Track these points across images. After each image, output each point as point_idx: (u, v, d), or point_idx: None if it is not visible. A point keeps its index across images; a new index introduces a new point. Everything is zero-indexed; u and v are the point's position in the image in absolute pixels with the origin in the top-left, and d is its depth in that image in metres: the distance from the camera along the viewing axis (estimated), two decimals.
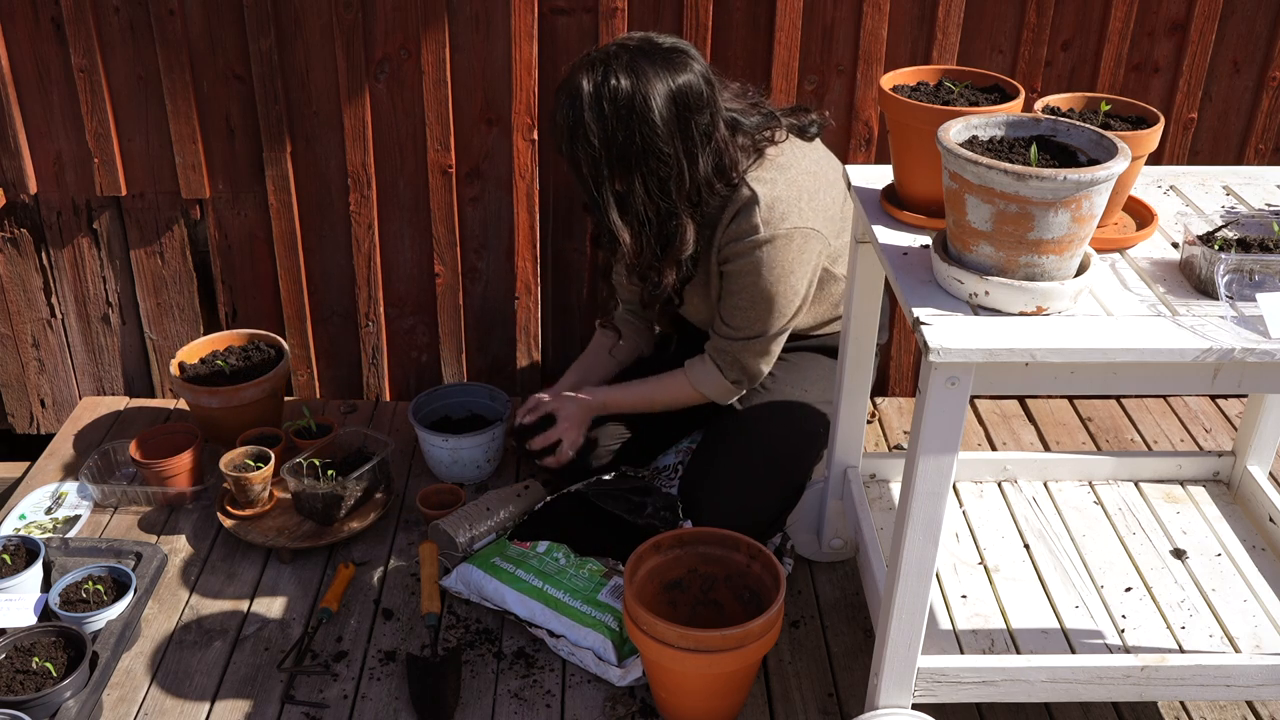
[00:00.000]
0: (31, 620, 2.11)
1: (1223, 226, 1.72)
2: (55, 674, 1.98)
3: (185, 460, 2.53)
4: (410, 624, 2.26)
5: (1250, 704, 2.10)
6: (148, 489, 2.53)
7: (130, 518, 2.55)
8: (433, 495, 2.53)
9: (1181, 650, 1.92)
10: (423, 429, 2.61)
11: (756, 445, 2.34)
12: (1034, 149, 1.57)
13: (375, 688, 2.11)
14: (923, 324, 1.54)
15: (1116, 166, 1.49)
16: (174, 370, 2.72)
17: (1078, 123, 1.64)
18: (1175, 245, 1.79)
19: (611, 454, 2.49)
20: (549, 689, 2.10)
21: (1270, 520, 2.16)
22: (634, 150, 2.04)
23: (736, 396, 2.36)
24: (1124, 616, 1.98)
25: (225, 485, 2.47)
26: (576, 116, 2.04)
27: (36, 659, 1.99)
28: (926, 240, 1.78)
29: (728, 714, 2.03)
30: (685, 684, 1.96)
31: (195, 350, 2.79)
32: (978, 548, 2.15)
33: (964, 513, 2.24)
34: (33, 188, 2.75)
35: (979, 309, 1.58)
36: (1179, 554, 2.13)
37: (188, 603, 2.31)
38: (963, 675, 1.81)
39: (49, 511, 2.54)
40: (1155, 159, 2.72)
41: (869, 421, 2.90)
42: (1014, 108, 1.80)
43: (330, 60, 2.62)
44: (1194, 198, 1.96)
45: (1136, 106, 1.82)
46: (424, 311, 2.91)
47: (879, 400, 3.01)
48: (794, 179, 2.16)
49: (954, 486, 2.19)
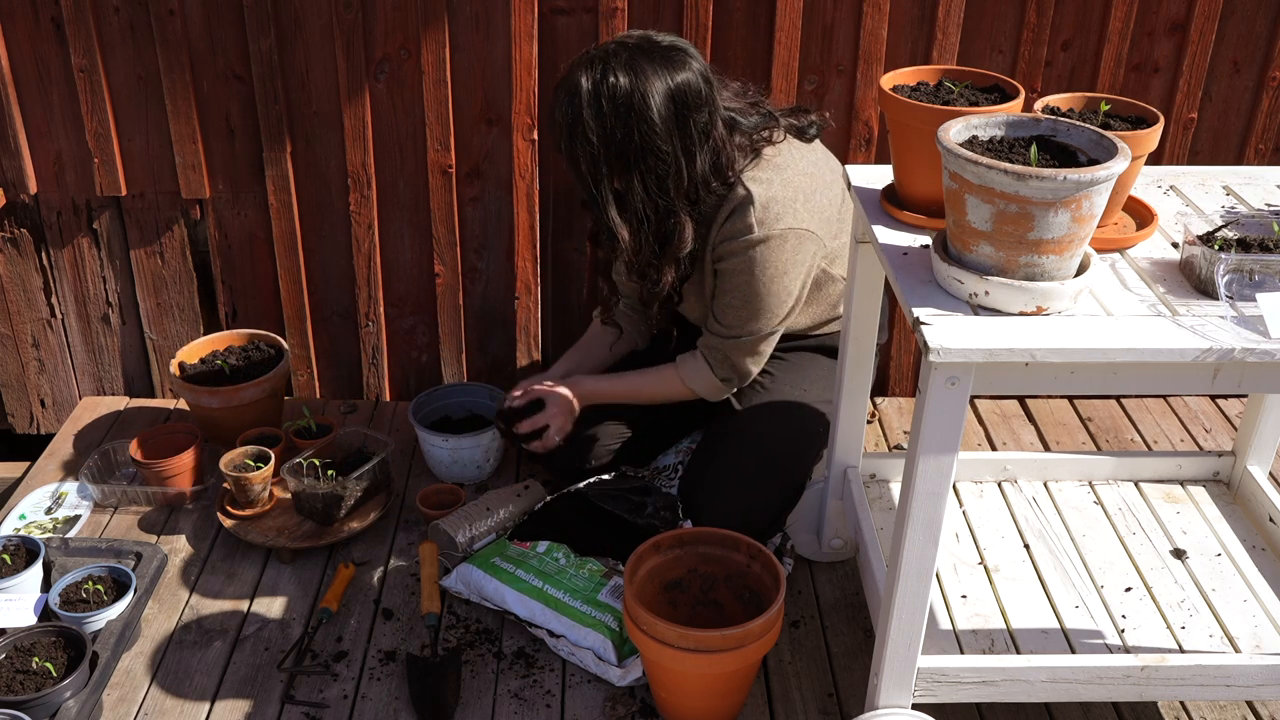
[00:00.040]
0: (31, 620, 2.10)
1: (1223, 226, 1.72)
2: (55, 674, 1.97)
3: (185, 460, 2.53)
4: (410, 624, 2.26)
5: (1250, 704, 2.10)
6: (148, 489, 2.53)
7: (130, 518, 2.55)
8: (433, 495, 2.53)
9: (1181, 650, 1.92)
10: (423, 429, 2.61)
11: (756, 445, 2.34)
12: (1034, 149, 1.57)
13: (375, 688, 2.11)
14: (923, 324, 1.54)
15: (1116, 166, 1.49)
16: (174, 370, 2.72)
17: (1078, 123, 1.64)
18: (1175, 245, 1.79)
19: (611, 454, 2.49)
20: (549, 689, 2.10)
21: (1270, 520, 2.16)
22: (632, 148, 2.04)
23: (725, 395, 2.36)
24: (1124, 616, 1.98)
25: (225, 485, 2.47)
26: (575, 114, 2.04)
27: (36, 659, 1.99)
28: (926, 240, 1.78)
29: (728, 714, 2.03)
30: (685, 684, 1.96)
31: (195, 350, 2.79)
32: (978, 548, 2.15)
33: (964, 513, 2.24)
34: (33, 188, 2.75)
35: (979, 309, 1.58)
36: (1179, 554, 2.13)
37: (188, 603, 2.31)
38: (963, 675, 1.81)
39: (49, 511, 2.54)
40: (1155, 159, 2.72)
41: (869, 421, 2.90)
42: (1014, 108, 1.80)
43: (330, 60, 2.62)
44: (1194, 198, 1.96)
45: (1136, 106, 1.82)
46: (424, 311, 2.91)
47: (879, 400, 3.01)
48: (790, 180, 2.15)
49: (954, 486, 2.19)
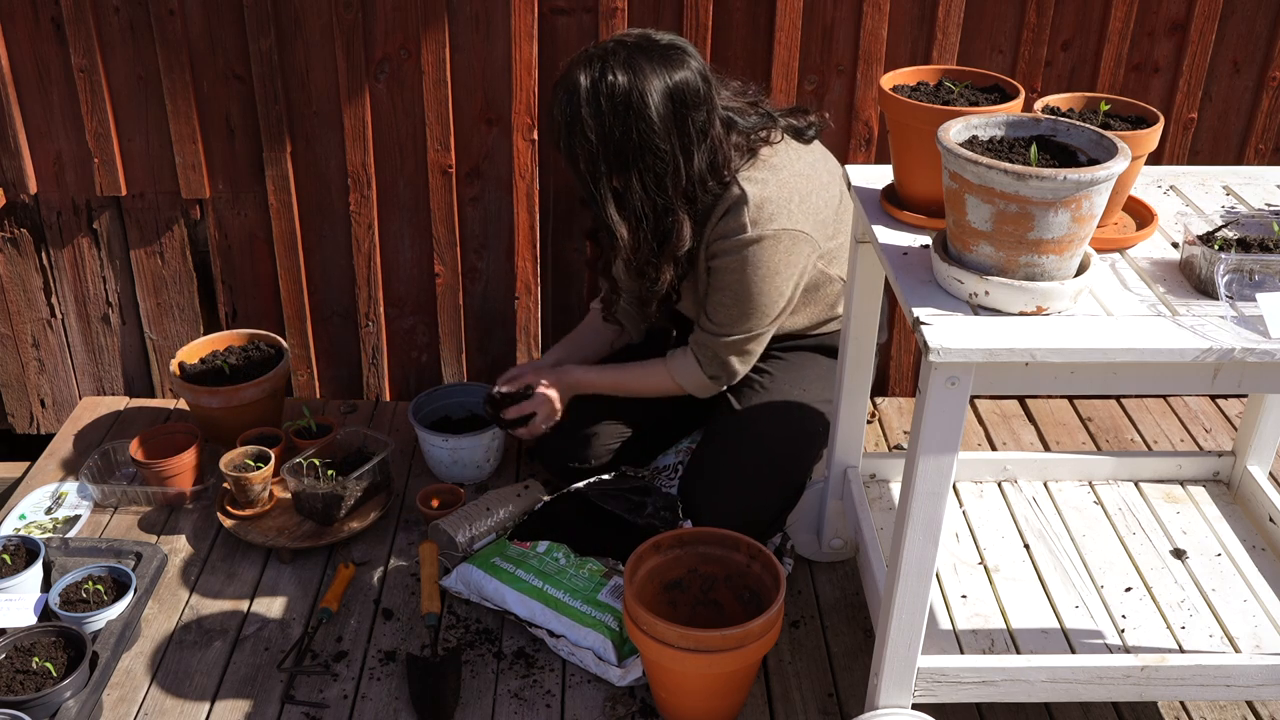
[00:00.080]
0: (31, 620, 2.10)
1: (1223, 226, 1.72)
2: (55, 674, 1.97)
3: (185, 460, 2.53)
4: (410, 624, 2.26)
5: (1250, 704, 2.10)
6: (148, 489, 2.53)
7: (130, 518, 2.54)
8: (433, 495, 2.53)
9: (1181, 650, 1.91)
10: (423, 429, 2.61)
11: (756, 445, 2.34)
12: (1034, 149, 1.57)
13: (375, 688, 2.11)
14: (923, 324, 1.54)
15: (1116, 166, 1.49)
16: (174, 370, 2.72)
17: (1078, 123, 1.64)
18: (1175, 245, 1.79)
19: (611, 454, 2.49)
20: (549, 689, 2.10)
21: (1270, 520, 2.16)
22: (630, 146, 2.04)
23: (713, 392, 2.35)
24: (1124, 616, 1.98)
25: (225, 485, 2.47)
26: (574, 112, 2.04)
27: (36, 659, 1.99)
28: (926, 240, 1.78)
29: (728, 714, 2.03)
30: (685, 684, 1.96)
31: (195, 350, 2.79)
32: (978, 548, 2.15)
33: (964, 513, 2.24)
34: (33, 188, 2.75)
35: (979, 309, 1.58)
36: (1179, 554, 2.13)
37: (188, 603, 2.31)
38: (963, 675, 1.80)
39: (49, 511, 2.53)
40: (1155, 159, 2.72)
41: (869, 421, 2.90)
42: (1014, 108, 1.80)
43: (330, 60, 2.62)
44: (1194, 198, 1.96)
45: (1136, 106, 1.82)
46: (424, 311, 2.91)
47: (879, 400, 3.01)
48: (785, 180, 2.15)
49: (954, 486, 2.19)
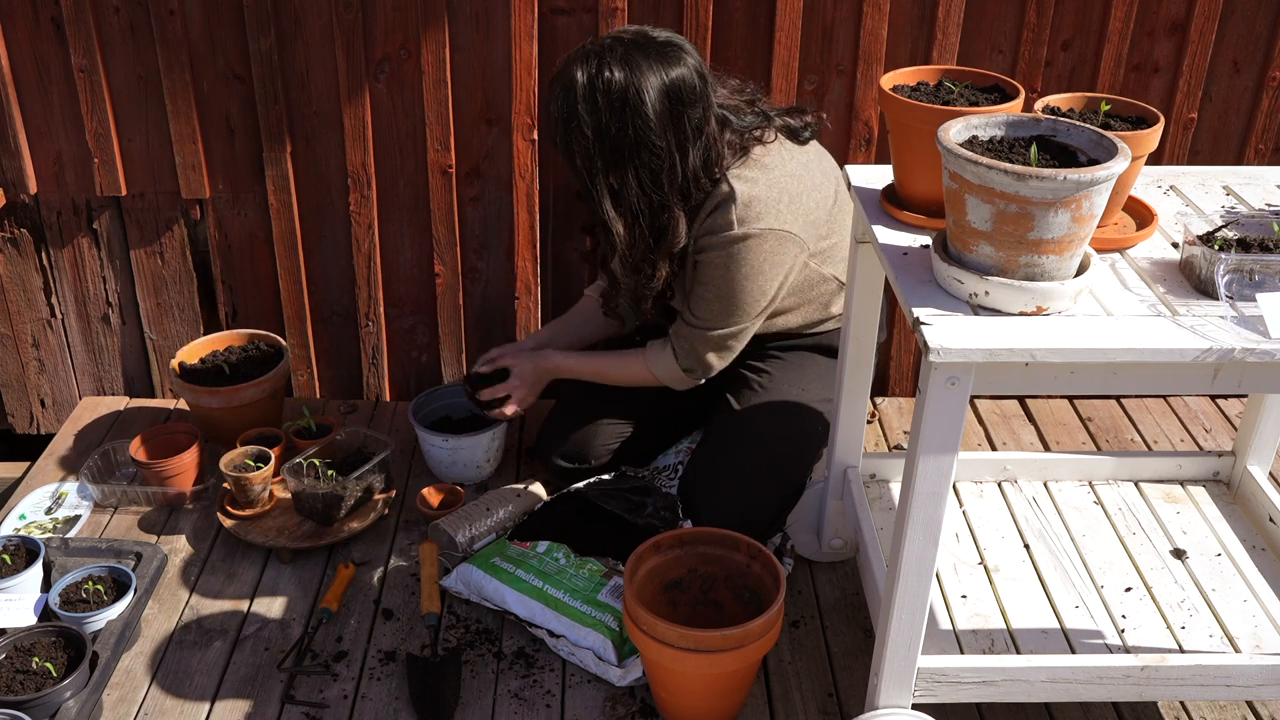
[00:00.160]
0: (31, 620, 2.10)
1: (1223, 226, 1.72)
2: (55, 674, 1.97)
3: (185, 460, 2.53)
4: (410, 624, 2.26)
5: (1250, 704, 2.10)
6: (148, 489, 2.53)
7: (130, 518, 2.54)
8: (433, 495, 2.53)
9: (1181, 650, 1.92)
10: (423, 429, 2.61)
11: (755, 445, 2.34)
12: (1034, 149, 1.57)
13: (375, 688, 2.11)
14: (923, 324, 1.54)
15: (1116, 166, 1.49)
16: (174, 370, 2.72)
17: (1078, 123, 1.64)
18: (1175, 245, 1.79)
19: (611, 454, 2.49)
20: (549, 689, 2.10)
21: (1270, 520, 2.16)
22: (627, 143, 2.04)
23: (688, 385, 2.34)
24: (1124, 616, 1.98)
25: (225, 485, 2.47)
26: (570, 108, 2.04)
27: (36, 659, 1.99)
28: (926, 240, 1.78)
29: (728, 714, 2.03)
30: (685, 684, 1.96)
31: (195, 350, 2.79)
32: (978, 548, 2.15)
33: (964, 513, 2.24)
34: (33, 188, 2.75)
35: (979, 309, 1.58)
36: (1179, 554, 2.13)
37: (188, 603, 2.31)
38: (963, 675, 1.80)
39: (49, 511, 2.53)
40: (1155, 159, 2.72)
41: (869, 421, 2.90)
42: (1014, 108, 1.80)
43: (330, 60, 2.62)
44: (1194, 198, 1.96)
45: (1136, 106, 1.82)
46: (424, 311, 2.91)
47: (879, 400, 3.01)
48: (776, 180, 2.15)
49: (954, 486, 2.19)
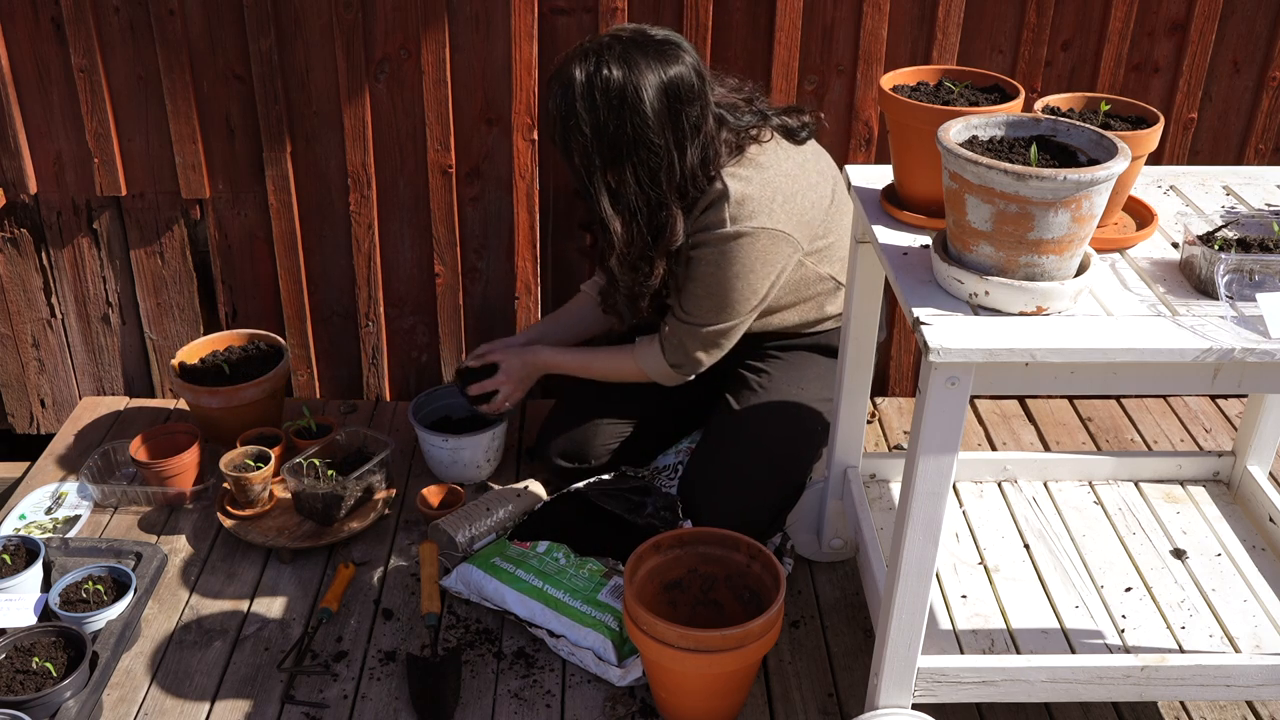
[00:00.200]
0: (31, 620, 2.10)
1: (1223, 226, 1.72)
2: (55, 674, 1.97)
3: (185, 460, 2.53)
4: (410, 624, 2.26)
5: (1250, 704, 2.10)
6: (148, 489, 2.53)
7: (130, 518, 2.54)
8: (433, 495, 2.53)
9: (1181, 650, 1.92)
10: (422, 429, 2.61)
11: (755, 445, 2.34)
12: (1034, 149, 1.57)
13: (375, 688, 2.11)
14: (923, 324, 1.54)
15: (1116, 166, 1.49)
16: (174, 370, 2.72)
17: (1078, 123, 1.64)
18: (1175, 245, 1.79)
19: (610, 453, 2.49)
20: (549, 689, 2.10)
21: (1270, 520, 2.16)
22: (625, 140, 2.04)
23: (676, 382, 2.34)
24: (1124, 616, 1.98)
25: (225, 485, 2.47)
26: (568, 106, 2.05)
27: (36, 659, 1.99)
28: (926, 240, 1.78)
29: (728, 714, 2.03)
30: (685, 684, 1.96)
31: (195, 350, 2.79)
32: (978, 548, 2.15)
33: (964, 513, 2.24)
34: (33, 188, 2.75)
35: (979, 309, 1.58)
36: (1179, 554, 2.13)
37: (188, 603, 2.31)
38: (963, 675, 1.80)
39: (49, 511, 2.53)
40: (1155, 159, 2.72)
41: (869, 421, 2.90)
42: (1014, 108, 1.80)
43: (330, 60, 2.62)
44: (1194, 198, 1.96)
45: (1136, 106, 1.82)
46: (424, 311, 2.91)
47: (879, 400, 3.01)
48: (770, 179, 2.15)
49: (954, 486, 2.19)
